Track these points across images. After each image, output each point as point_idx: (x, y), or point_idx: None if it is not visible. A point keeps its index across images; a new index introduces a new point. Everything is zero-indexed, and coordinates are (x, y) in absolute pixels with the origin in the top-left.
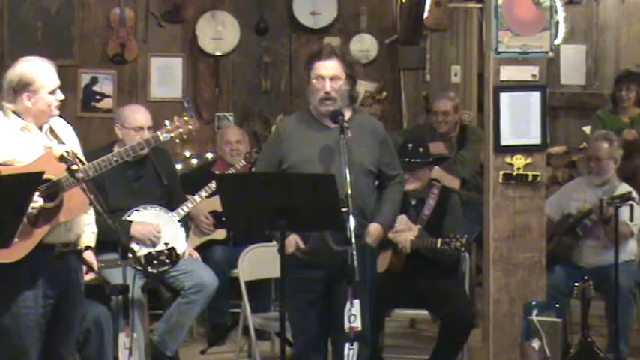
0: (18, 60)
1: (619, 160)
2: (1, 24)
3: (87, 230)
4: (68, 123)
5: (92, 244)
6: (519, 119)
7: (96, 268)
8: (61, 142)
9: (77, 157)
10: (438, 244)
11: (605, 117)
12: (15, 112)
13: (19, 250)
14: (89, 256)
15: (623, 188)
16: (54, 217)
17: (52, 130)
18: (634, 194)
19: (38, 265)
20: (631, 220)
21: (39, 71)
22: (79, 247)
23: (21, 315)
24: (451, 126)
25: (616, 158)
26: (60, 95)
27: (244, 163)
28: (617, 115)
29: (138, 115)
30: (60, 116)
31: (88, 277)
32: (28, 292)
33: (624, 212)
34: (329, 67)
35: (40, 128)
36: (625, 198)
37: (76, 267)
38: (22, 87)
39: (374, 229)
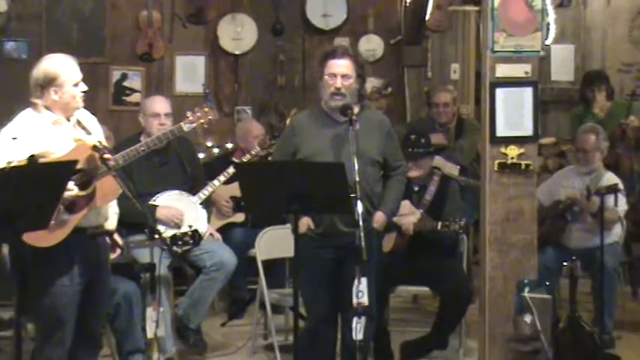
0: (42, 58)
1: (605, 150)
2: (39, 25)
3: (110, 212)
4: (93, 114)
5: (115, 224)
6: (513, 113)
7: (123, 247)
8: (88, 132)
9: (107, 147)
10: (439, 227)
11: (583, 113)
12: (45, 107)
13: (56, 235)
14: (117, 236)
15: (609, 176)
16: (88, 203)
17: (79, 122)
18: (620, 186)
19: (73, 248)
20: (615, 206)
21: (62, 66)
22: (107, 229)
23: (58, 294)
24: (450, 116)
25: (602, 149)
26: (83, 87)
27: (259, 149)
28: (593, 112)
29: (155, 104)
30: (85, 108)
31: (115, 255)
32: (65, 273)
33: (610, 199)
34: (341, 66)
35: (68, 120)
36: (611, 189)
37: (105, 247)
38: (48, 82)
39: (379, 216)
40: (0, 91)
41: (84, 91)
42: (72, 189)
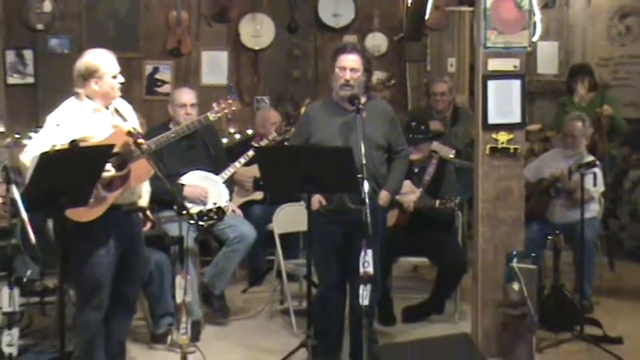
0: (88, 51)
1: (589, 136)
2: (79, 24)
3: (143, 191)
4: (130, 103)
5: (147, 201)
6: (503, 102)
7: (154, 222)
8: (124, 119)
9: (140, 133)
10: (436, 205)
11: (567, 103)
12: (87, 96)
13: (94, 211)
14: (149, 212)
15: (590, 159)
16: (124, 183)
17: (116, 110)
18: (598, 171)
19: (109, 223)
20: (594, 185)
21: (102, 60)
22: (140, 206)
23: (96, 263)
24: (446, 105)
25: (587, 135)
26: (120, 79)
27: (276, 134)
28: (576, 102)
29: (182, 95)
30: (122, 97)
31: (147, 229)
32: (102, 245)
33: (589, 179)
34: (351, 60)
35: (107, 108)
36: (590, 165)
37: (139, 222)
38: (90, 74)
39: (384, 194)
40: (45, 82)
41: (121, 83)
42: (109, 170)
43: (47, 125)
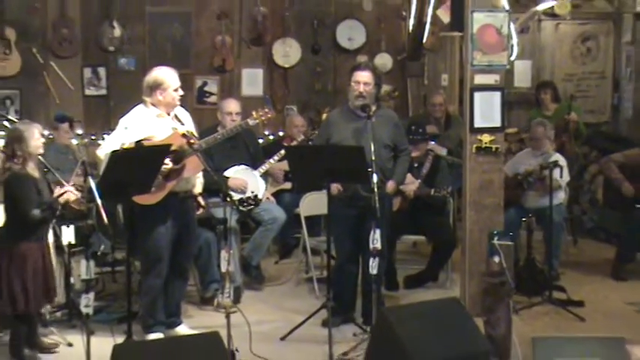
0: (152, 68)
1: (552, 137)
2: (143, 46)
3: (197, 181)
4: (187, 111)
5: (200, 190)
6: (486, 110)
7: (205, 207)
8: (182, 123)
9: (194, 135)
10: (432, 193)
11: (535, 115)
12: (152, 104)
13: (156, 196)
14: (200, 199)
15: (556, 156)
16: (179, 175)
17: (175, 116)
18: (560, 162)
19: (168, 206)
20: (560, 177)
21: (167, 75)
22: (193, 193)
23: (157, 238)
24: (441, 113)
25: (549, 137)
26: (180, 92)
27: (303, 137)
28: (542, 111)
29: (230, 105)
30: (181, 106)
31: (199, 212)
32: (162, 224)
33: (556, 173)
34: (364, 76)
35: (168, 114)
36: (555, 164)
37: (192, 206)
38: (156, 86)
39: (391, 184)
40: (115, 93)
41: (181, 95)
42: (167, 164)
43: (118, 127)
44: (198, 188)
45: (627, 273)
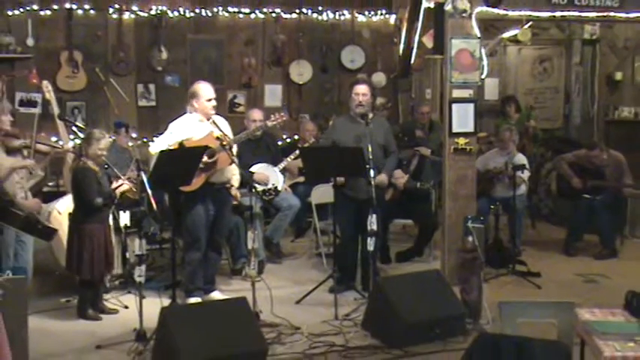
0: (194, 83)
1: (516, 140)
2: (185, 66)
3: (234, 176)
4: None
5: (236, 184)
6: (462, 118)
7: (238, 197)
8: (218, 128)
9: (226, 136)
10: (418, 186)
11: (500, 123)
12: (193, 111)
13: (195, 185)
14: (233, 190)
15: (519, 156)
16: (213, 167)
17: (213, 122)
18: (522, 161)
19: (207, 193)
20: (522, 173)
21: (201, 88)
22: (228, 185)
23: (196, 220)
24: (427, 120)
25: (514, 140)
26: (214, 102)
27: (314, 140)
28: (507, 120)
29: (254, 113)
30: (218, 114)
31: (235, 202)
32: (200, 208)
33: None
34: (362, 89)
35: (208, 119)
36: (521, 166)
37: (227, 195)
38: (193, 96)
39: (381, 176)
40: (162, 105)
41: (214, 106)
42: (204, 159)
43: (167, 131)
44: (236, 181)
45: (576, 250)
